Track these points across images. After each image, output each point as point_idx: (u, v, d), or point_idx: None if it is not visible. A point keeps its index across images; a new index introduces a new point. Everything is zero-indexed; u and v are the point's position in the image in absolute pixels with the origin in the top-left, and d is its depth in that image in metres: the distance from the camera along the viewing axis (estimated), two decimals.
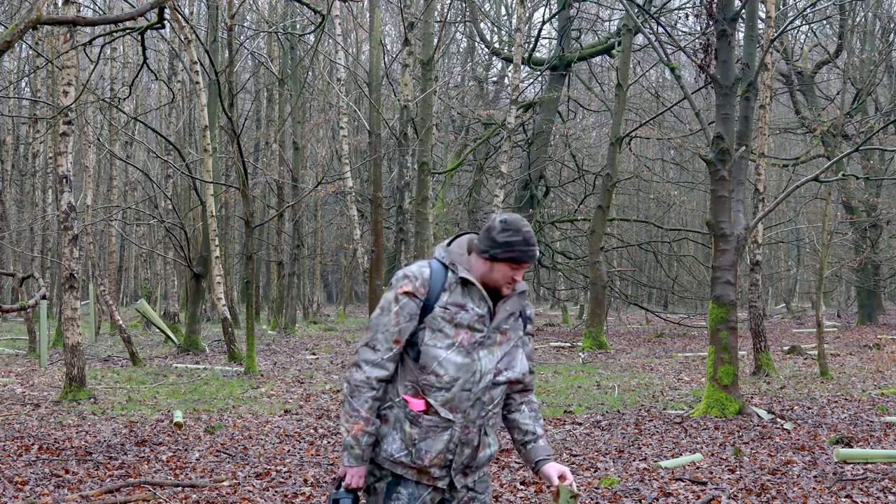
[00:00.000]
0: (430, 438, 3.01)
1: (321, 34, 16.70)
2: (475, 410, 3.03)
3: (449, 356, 3.00)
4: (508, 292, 3.07)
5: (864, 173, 22.54)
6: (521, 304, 3.15)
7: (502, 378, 3.08)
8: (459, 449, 3.04)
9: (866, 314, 26.05)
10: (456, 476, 3.07)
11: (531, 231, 3.09)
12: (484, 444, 3.09)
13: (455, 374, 2.99)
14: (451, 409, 3.00)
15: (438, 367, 2.99)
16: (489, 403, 3.06)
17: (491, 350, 3.06)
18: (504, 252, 3.00)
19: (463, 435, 3.03)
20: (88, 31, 12.84)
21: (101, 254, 27.59)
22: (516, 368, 3.12)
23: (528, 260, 3.04)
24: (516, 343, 3.14)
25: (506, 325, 3.11)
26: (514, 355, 3.12)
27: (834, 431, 8.41)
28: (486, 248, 3.03)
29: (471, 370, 3.01)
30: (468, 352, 3.01)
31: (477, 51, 30.23)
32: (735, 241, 9.50)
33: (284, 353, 16.99)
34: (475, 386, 3.01)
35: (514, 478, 6.53)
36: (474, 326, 3.03)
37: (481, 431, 3.06)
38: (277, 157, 24.21)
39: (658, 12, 19.02)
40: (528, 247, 3.03)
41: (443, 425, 3.01)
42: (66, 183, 10.58)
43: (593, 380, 12.78)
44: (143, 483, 6.25)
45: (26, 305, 8.43)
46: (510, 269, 3.03)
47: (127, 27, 10.71)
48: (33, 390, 11.59)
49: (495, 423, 3.14)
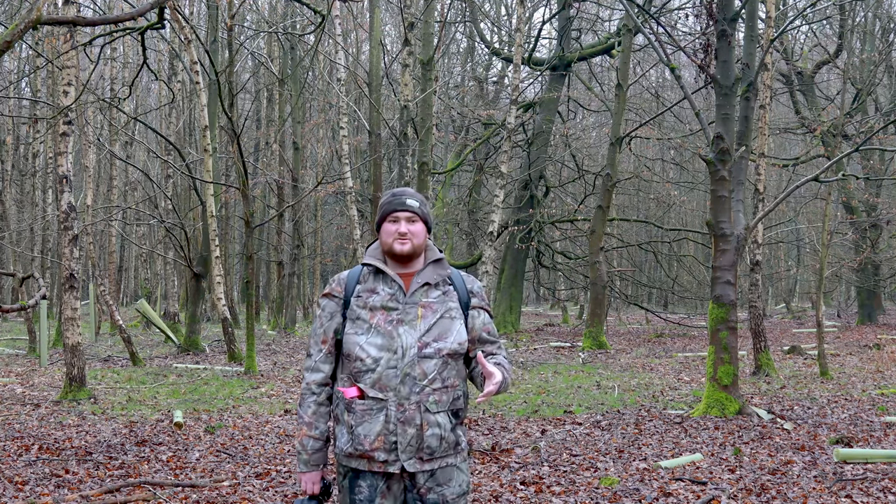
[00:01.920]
0: (367, 422, 3.03)
1: (321, 34, 16.69)
2: (406, 387, 3.00)
3: (369, 339, 3.05)
4: (401, 248, 3.09)
5: (864, 173, 22.54)
6: (438, 274, 3.14)
7: (430, 350, 3.02)
8: (401, 429, 3.00)
9: (866, 314, 26.06)
10: (408, 460, 3.01)
11: (406, 188, 3.22)
12: (428, 422, 3.01)
13: (377, 355, 3.03)
14: (380, 388, 3.02)
15: (360, 352, 3.05)
16: (422, 378, 3.00)
17: (412, 325, 3.05)
18: (380, 214, 3.16)
19: (399, 413, 3.00)
20: (88, 31, 12.84)
21: (101, 254, 27.59)
22: (449, 339, 3.05)
23: (397, 208, 3.12)
24: (447, 315, 3.09)
25: (426, 298, 3.09)
26: (445, 327, 3.07)
27: (834, 431, 8.41)
28: (377, 221, 3.20)
29: (392, 348, 3.02)
30: (387, 330, 3.04)
31: (477, 51, 30.24)
32: (735, 241, 9.50)
33: (284, 353, 16.99)
34: (400, 362, 3.01)
35: (514, 478, 6.53)
36: (388, 305, 3.08)
37: (420, 408, 3.00)
38: (277, 157, 24.21)
39: (658, 12, 19.02)
40: (394, 197, 3.16)
41: (376, 407, 3.02)
42: (66, 183, 10.58)
43: (593, 380, 12.78)
44: (143, 483, 6.25)
45: (26, 305, 8.43)
46: (391, 225, 3.13)
47: (127, 27, 10.71)
48: (33, 390, 11.59)
49: (440, 402, 3.04)
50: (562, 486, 6.29)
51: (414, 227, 3.12)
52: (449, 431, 3.05)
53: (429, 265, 3.15)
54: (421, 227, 3.14)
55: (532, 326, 25.94)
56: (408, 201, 3.13)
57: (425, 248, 3.17)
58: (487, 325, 3.19)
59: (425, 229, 3.17)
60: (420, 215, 3.14)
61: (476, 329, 3.15)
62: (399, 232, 3.09)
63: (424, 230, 3.16)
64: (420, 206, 3.15)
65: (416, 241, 3.11)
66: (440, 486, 3.05)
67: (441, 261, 3.17)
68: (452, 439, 3.07)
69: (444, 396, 3.04)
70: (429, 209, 3.22)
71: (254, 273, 16.37)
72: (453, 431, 3.07)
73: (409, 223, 3.11)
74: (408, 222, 3.11)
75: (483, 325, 3.17)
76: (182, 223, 18.07)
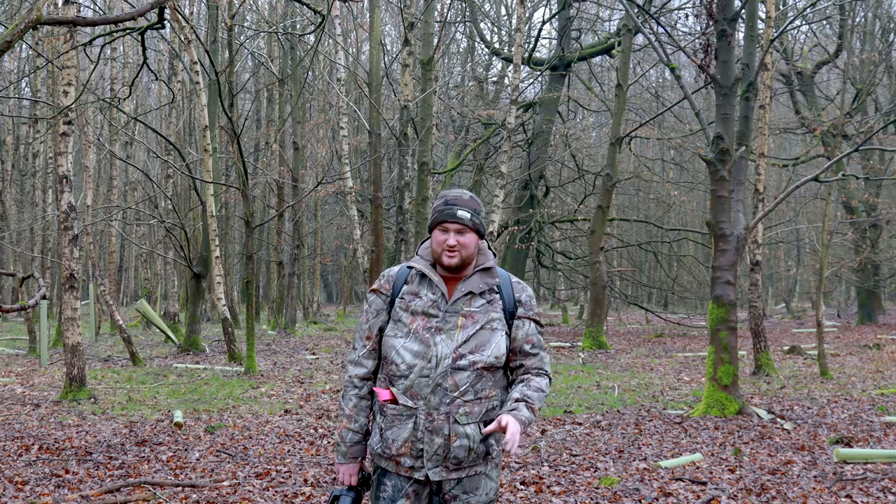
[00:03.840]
0: (396, 427, 3.03)
1: (321, 34, 16.69)
2: (436, 397, 2.96)
3: (406, 344, 3.03)
4: (449, 261, 3.02)
5: (864, 173, 22.55)
6: (485, 283, 3.06)
7: (464, 362, 2.97)
8: (428, 438, 2.98)
9: (866, 314, 26.06)
10: (433, 468, 2.99)
11: (461, 194, 3.10)
12: (456, 433, 2.96)
13: (412, 361, 3.01)
14: (411, 396, 3.00)
15: (396, 356, 3.04)
16: (453, 390, 2.96)
17: (450, 334, 3.00)
18: (432, 220, 3.08)
19: (428, 422, 2.97)
20: (88, 31, 12.84)
21: (101, 254, 27.59)
22: (486, 352, 2.99)
23: (447, 219, 3.04)
24: (488, 326, 3.02)
25: (469, 308, 3.04)
26: (484, 338, 3.00)
27: (834, 431, 8.41)
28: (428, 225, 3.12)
29: (427, 356, 2.99)
30: (424, 338, 3.01)
31: (477, 51, 30.24)
32: (735, 241, 9.50)
33: (284, 353, 16.99)
34: (433, 371, 2.97)
35: (514, 478, 6.53)
36: (429, 312, 3.03)
37: (450, 419, 2.96)
38: (277, 157, 24.21)
39: (658, 12, 19.01)
40: (446, 206, 3.07)
41: (406, 413, 3.01)
42: (66, 183, 10.58)
43: (593, 380, 12.78)
44: (143, 483, 6.25)
45: (26, 305, 8.42)
46: (440, 234, 3.06)
47: (127, 27, 10.70)
48: (33, 390, 11.59)
49: (471, 413, 2.98)
50: (562, 486, 6.29)
51: (464, 239, 3.03)
52: (479, 443, 3.00)
53: (476, 273, 3.07)
54: (471, 238, 3.05)
55: None
56: (458, 212, 3.03)
57: (477, 254, 3.10)
58: (531, 336, 3.09)
59: (477, 238, 3.08)
60: (471, 227, 3.04)
61: (518, 340, 3.07)
62: (448, 244, 3.03)
63: (475, 240, 3.07)
64: (472, 217, 3.05)
65: (465, 252, 3.04)
66: (466, 494, 3.03)
67: (490, 269, 3.09)
68: (482, 449, 3.02)
69: (475, 408, 2.99)
70: (482, 215, 3.11)
71: (254, 273, 16.37)
72: (484, 442, 3.02)
73: (458, 234, 3.03)
74: (457, 234, 3.03)
75: (526, 337, 3.08)
76: (182, 223, 18.07)
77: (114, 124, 22.34)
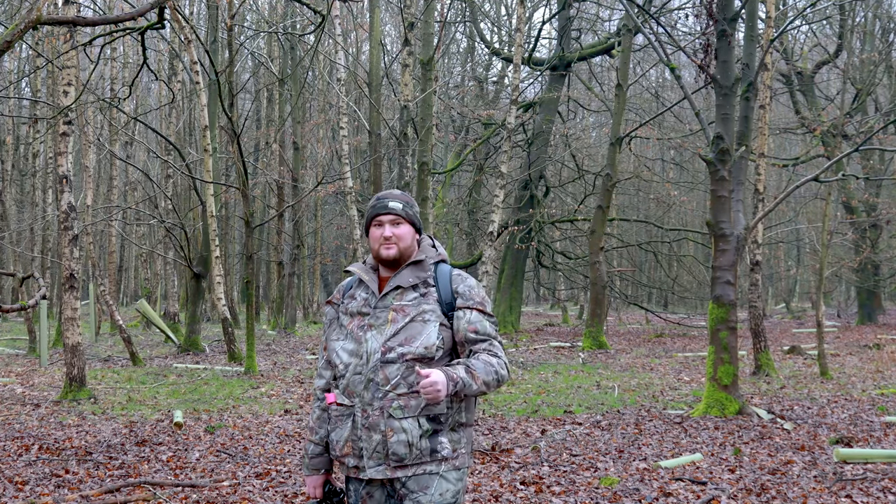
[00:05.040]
0: (339, 427, 3.05)
1: (321, 34, 16.69)
2: (369, 392, 2.95)
3: (343, 345, 3.06)
4: (387, 252, 3.02)
5: (864, 173, 22.55)
6: (415, 276, 3.02)
7: (393, 355, 2.94)
8: (366, 435, 2.96)
9: (866, 314, 26.06)
10: (375, 467, 2.95)
11: (392, 190, 3.14)
12: (392, 428, 2.91)
13: (347, 360, 3.03)
14: (348, 394, 3.02)
15: (336, 358, 3.07)
16: (384, 384, 2.93)
17: (380, 329, 2.98)
18: (366, 219, 3.11)
19: (363, 419, 2.96)
20: (88, 31, 12.84)
21: (101, 254, 27.60)
22: (416, 342, 2.94)
23: (380, 212, 3.05)
24: (419, 318, 2.97)
25: (399, 302, 3.00)
26: (415, 330, 2.96)
27: (834, 431, 8.41)
28: (364, 226, 3.16)
29: (359, 353, 3.00)
30: (357, 336, 3.02)
31: (477, 51, 30.23)
32: (735, 241, 9.50)
33: (284, 353, 16.99)
34: (364, 367, 2.97)
35: (514, 478, 6.53)
36: (361, 311, 3.06)
37: (384, 414, 2.92)
38: (277, 157, 24.21)
39: (658, 12, 19.01)
40: (377, 201, 3.09)
41: (346, 413, 3.03)
42: (66, 183, 10.58)
43: (593, 380, 12.78)
44: (143, 483, 6.25)
45: (26, 305, 8.42)
46: (376, 230, 3.07)
47: (127, 27, 10.70)
48: (33, 390, 11.59)
49: (407, 407, 2.93)
50: (562, 486, 6.28)
51: (399, 231, 3.03)
52: (418, 438, 2.93)
53: (406, 268, 3.04)
54: (406, 230, 3.04)
55: (532, 326, 25.94)
56: (390, 204, 3.04)
57: (415, 249, 3.08)
58: (474, 324, 3.00)
59: (412, 231, 3.07)
60: (405, 217, 3.04)
61: (461, 330, 3.00)
62: (384, 236, 3.02)
63: (411, 231, 3.06)
64: (404, 208, 3.05)
65: (403, 244, 3.03)
66: (415, 494, 2.94)
67: (421, 262, 3.05)
68: (426, 446, 2.94)
69: (411, 402, 2.93)
70: (415, 209, 3.11)
71: (254, 273, 16.37)
72: (429, 438, 2.94)
73: (392, 226, 3.03)
74: (392, 225, 3.03)
75: (468, 325, 3.00)
76: (182, 223, 18.07)
77: (114, 124, 22.34)
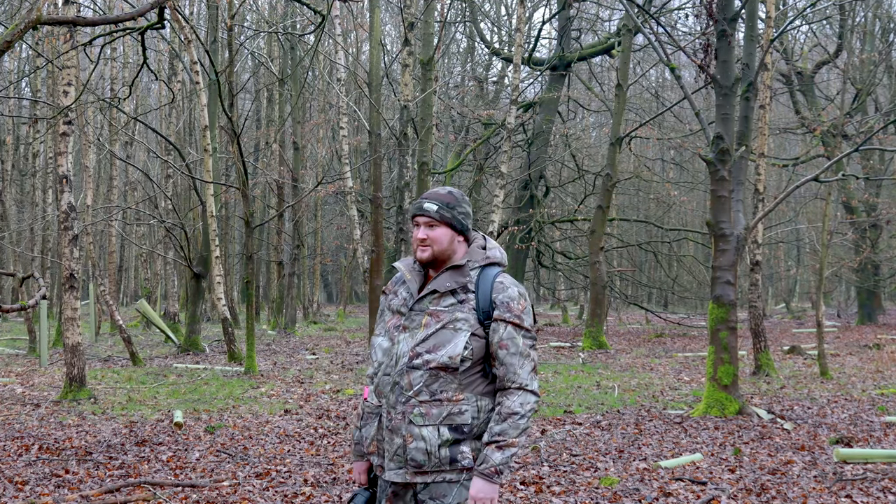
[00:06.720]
0: (368, 424, 3.05)
1: (321, 34, 16.69)
2: (394, 395, 2.94)
3: (381, 342, 3.05)
4: (421, 255, 2.98)
5: (864, 173, 22.54)
6: (454, 281, 2.95)
7: (419, 361, 2.89)
8: (388, 436, 2.95)
9: (866, 314, 26.06)
10: (395, 469, 2.93)
11: (439, 189, 3.07)
12: (412, 434, 2.88)
13: (381, 359, 3.02)
14: (377, 394, 3.02)
15: (374, 353, 3.07)
16: (408, 389, 2.89)
17: (413, 333, 2.95)
18: (408, 217, 3.09)
19: (388, 421, 2.95)
20: (88, 31, 12.84)
21: (101, 254, 27.59)
22: (441, 352, 2.88)
23: (415, 212, 3.02)
24: (450, 325, 2.91)
25: (436, 307, 2.95)
26: (444, 338, 2.89)
27: (834, 431, 8.41)
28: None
29: (391, 354, 2.99)
30: (392, 335, 3.01)
31: (477, 51, 30.23)
32: (735, 241, 9.50)
33: (284, 353, 16.99)
34: (392, 370, 2.96)
35: (514, 478, 6.53)
36: (399, 310, 3.04)
37: (405, 419, 2.89)
38: (277, 157, 24.20)
39: (658, 12, 19.01)
40: (417, 201, 3.06)
41: (375, 411, 3.03)
42: (66, 183, 10.58)
43: (593, 380, 12.78)
44: (143, 483, 6.25)
45: (26, 305, 8.43)
46: (415, 230, 3.04)
47: (127, 27, 10.70)
48: (33, 390, 11.59)
49: (428, 415, 2.88)
50: (562, 486, 6.28)
51: (434, 233, 2.97)
52: (437, 448, 2.88)
53: (445, 272, 2.98)
54: (443, 232, 2.97)
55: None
56: (425, 205, 2.99)
57: (455, 251, 3.01)
58: (505, 341, 2.90)
59: (451, 233, 2.99)
60: (438, 219, 2.97)
61: (493, 345, 2.91)
62: (419, 238, 2.99)
63: (449, 234, 2.98)
64: (439, 210, 2.97)
65: (438, 247, 2.97)
66: (433, 500, 2.92)
67: (461, 267, 2.97)
68: (446, 455, 2.89)
69: (433, 410, 2.88)
70: (456, 210, 3.01)
71: (254, 273, 16.37)
72: (449, 448, 2.89)
73: (428, 228, 2.98)
74: (427, 227, 2.98)
75: (500, 342, 2.90)
76: (182, 223, 18.07)
77: (114, 124, 22.34)
